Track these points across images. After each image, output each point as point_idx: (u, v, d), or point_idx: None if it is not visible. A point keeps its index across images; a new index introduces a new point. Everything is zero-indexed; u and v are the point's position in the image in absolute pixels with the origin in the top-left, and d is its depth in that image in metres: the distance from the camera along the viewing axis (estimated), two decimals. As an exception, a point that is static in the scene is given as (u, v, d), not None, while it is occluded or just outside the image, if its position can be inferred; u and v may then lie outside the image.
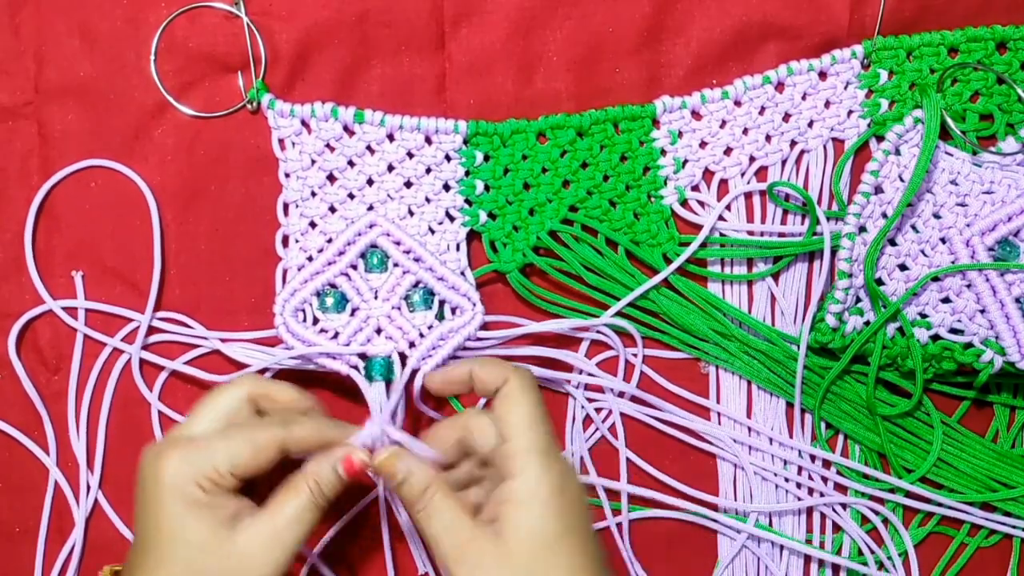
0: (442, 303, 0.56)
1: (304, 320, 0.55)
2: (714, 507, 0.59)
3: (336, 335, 0.55)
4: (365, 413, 0.56)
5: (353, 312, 0.55)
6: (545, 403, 0.47)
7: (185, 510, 0.44)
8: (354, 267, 0.55)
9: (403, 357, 0.55)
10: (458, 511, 0.45)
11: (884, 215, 0.56)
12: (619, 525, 0.58)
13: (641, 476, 0.59)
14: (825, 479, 0.58)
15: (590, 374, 0.57)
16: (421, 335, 0.55)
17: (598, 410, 0.58)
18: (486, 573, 0.44)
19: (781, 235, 0.57)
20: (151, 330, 0.56)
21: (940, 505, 0.58)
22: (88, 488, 0.57)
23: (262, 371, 0.55)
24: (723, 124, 0.57)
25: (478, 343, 0.55)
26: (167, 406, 0.57)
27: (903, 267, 0.57)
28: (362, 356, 0.55)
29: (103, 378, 0.57)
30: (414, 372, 0.54)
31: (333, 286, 0.55)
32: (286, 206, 0.56)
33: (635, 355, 0.58)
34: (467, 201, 0.56)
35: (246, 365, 0.55)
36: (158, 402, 0.57)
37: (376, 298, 0.55)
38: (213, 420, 0.47)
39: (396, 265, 0.55)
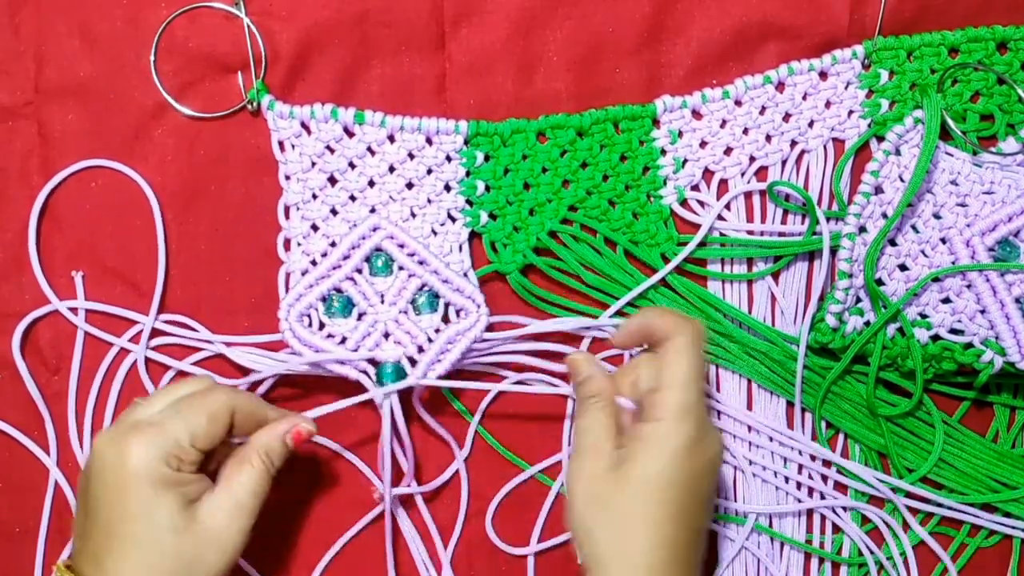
0: (447, 305, 0.56)
1: (309, 325, 0.55)
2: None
3: (343, 340, 0.55)
4: (373, 417, 0.56)
5: (360, 317, 0.55)
6: (704, 365, 0.50)
7: (154, 492, 0.46)
8: (359, 271, 0.55)
9: (412, 361, 0.55)
10: (605, 425, 0.50)
11: (884, 215, 0.56)
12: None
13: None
14: (825, 478, 0.58)
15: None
16: (429, 339, 0.55)
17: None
18: (587, 485, 0.48)
19: (781, 235, 0.57)
20: (155, 332, 0.56)
21: (940, 506, 0.58)
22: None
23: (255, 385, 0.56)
24: (723, 124, 0.57)
25: (483, 344, 0.55)
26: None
27: (903, 267, 0.57)
28: (371, 361, 0.55)
29: (105, 379, 0.57)
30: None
31: (339, 290, 0.55)
32: (287, 209, 0.56)
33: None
34: (468, 202, 0.56)
35: (251, 370, 0.55)
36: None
37: (383, 302, 0.55)
38: (163, 403, 0.49)
39: (401, 268, 0.55)
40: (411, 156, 0.56)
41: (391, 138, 0.56)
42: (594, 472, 0.48)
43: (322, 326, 0.55)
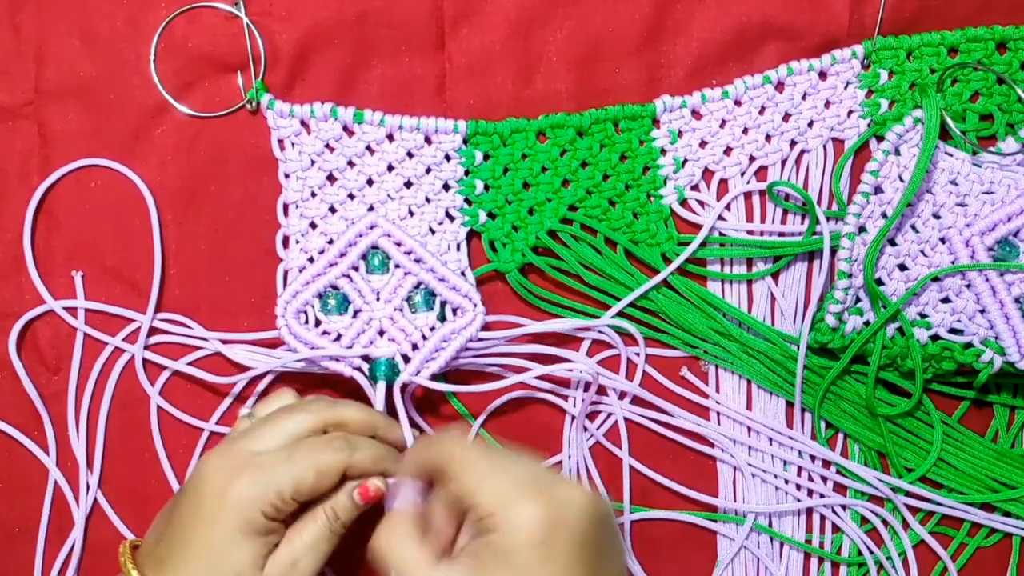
0: (443, 304, 0.56)
1: (306, 322, 0.55)
2: (713, 508, 0.59)
3: (339, 337, 0.55)
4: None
5: (355, 314, 0.55)
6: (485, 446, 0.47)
7: (241, 535, 0.45)
8: (356, 269, 0.55)
9: (406, 359, 0.55)
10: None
11: (884, 215, 0.56)
12: (620, 525, 0.58)
13: (641, 476, 0.59)
14: (825, 478, 0.58)
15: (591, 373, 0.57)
16: (424, 337, 0.55)
17: (600, 413, 0.58)
18: None
19: (781, 235, 0.57)
20: (152, 331, 0.56)
21: (940, 505, 0.58)
22: (88, 488, 0.57)
23: (259, 376, 0.56)
24: (723, 124, 0.57)
25: (480, 343, 0.55)
26: (169, 406, 0.57)
27: (903, 267, 0.57)
28: (366, 358, 0.55)
29: (103, 378, 0.57)
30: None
31: (335, 288, 0.55)
32: (286, 207, 0.56)
33: (636, 354, 0.58)
34: (467, 201, 0.56)
35: (247, 367, 0.55)
36: (160, 399, 0.57)
37: (378, 300, 0.55)
38: (280, 441, 0.48)
39: (398, 266, 0.55)
40: (410, 155, 0.56)
41: (390, 137, 0.56)
42: None
43: (318, 323, 0.55)
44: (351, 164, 0.56)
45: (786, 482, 0.58)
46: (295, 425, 0.48)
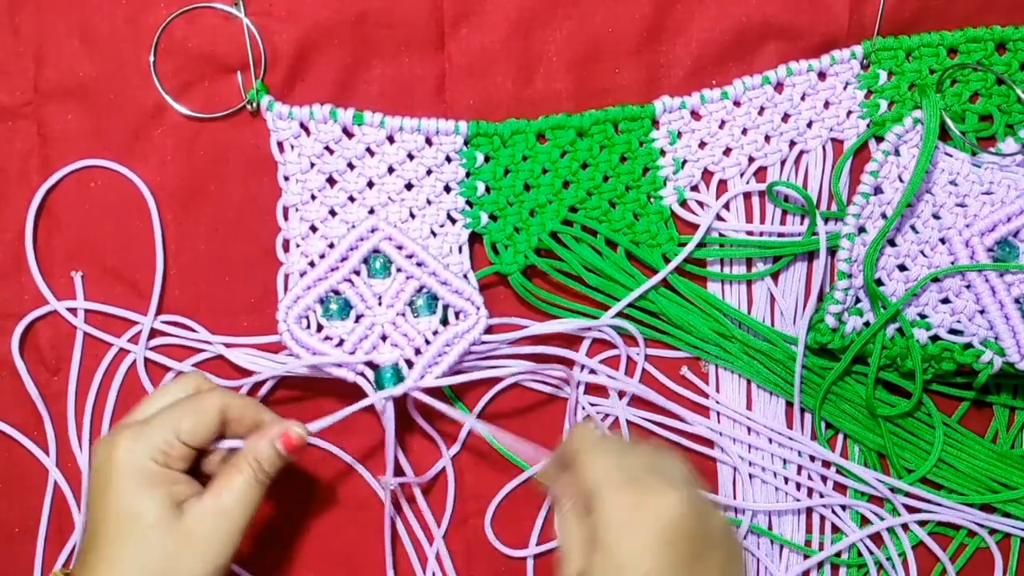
0: (446, 307, 0.56)
1: (308, 326, 0.55)
2: (712, 494, 0.59)
3: (341, 342, 0.55)
4: (372, 419, 0.56)
5: (357, 319, 0.55)
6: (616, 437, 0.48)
7: (139, 488, 0.45)
8: (357, 273, 0.55)
9: (409, 363, 0.55)
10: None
11: (883, 216, 0.56)
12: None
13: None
14: (825, 479, 0.58)
15: (592, 371, 0.57)
16: (427, 341, 0.55)
17: (600, 414, 0.58)
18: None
19: (780, 235, 0.57)
20: (154, 332, 0.56)
21: (940, 506, 0.58)
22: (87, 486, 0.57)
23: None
24: (722, 124, 0.57)
25: (482, 346, 0.55)
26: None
27: (902, 267, 0.57)
28: (369, 364, 0.55)
29: (104, 379, 0.57)
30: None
31: (336, 292, 0.55)
32: (286, 210, 0.56)
33: (637, 355, 0.58)
34: (468, 203, 0.56)
35: (250, 372, 0.55)
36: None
37: (380, 304, 0.55)
38: (154, 407, 0.49)
39: (399, 270, 0.55)
40: (410, 157, 0.56)
41: (390, 139, 0.56)
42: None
43: (320, 328, 0.55)
44: (351, 166, 0.56)
45: (786, 481, 0.58)
46: (173, 390, 0.49)
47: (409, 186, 0.56)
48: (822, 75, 0.57)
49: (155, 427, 0.46)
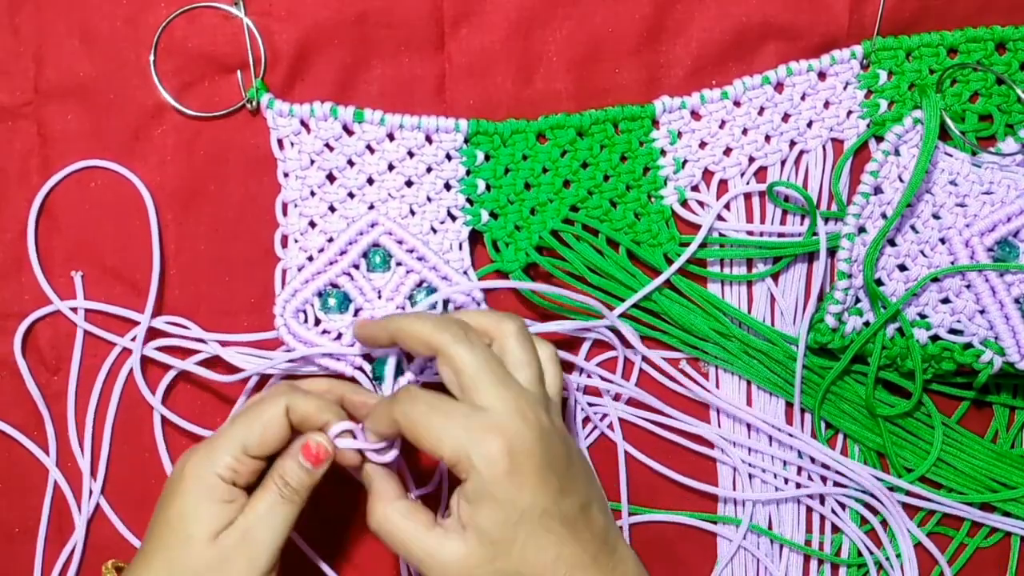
0: (446, 303, 0.56)
1: (305, 321, 0.55)
2: (713, 497, 0.59)
3: (339, 336, 0.55)
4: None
5: (356, 312, 0.55)
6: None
7: (195, 503, 0.45)
8: (356, 267, 0.55)
9: (409, 357, 0.55)
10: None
11: (883, 215, 0.56)
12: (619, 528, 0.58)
13: (640, 475, 0.59)
14: (825, 478, 0.58)
15: (590, 375, 0.57)
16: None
17: (597, 414, 0.58)
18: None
19: (780, 235, 0.57)
20: (154, 333, 0.56)
21: (940, 504, 0.58)
22: (89, 489, 0.57)
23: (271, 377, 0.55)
24: (722, 124, 0.57)
25: (482, 343, 0.55)
26: (169, 407, 0.57)
27: (902, 267, 0.57)
28: (367, 357, 0.55)
29: (105, 379, 0.57)
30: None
31: (335, 286, 0.55)
32: (285, 206, 0.56)
33: (635, 355, 0.58)
34: (468, 200, 0.56)
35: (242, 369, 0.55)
36: (160, 405, 0.56)
37: (380, 298, 0.55)
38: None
39: (399, 264, 0.55)
40: (411, 154, 0.56)
41: (390, 136, 0.56)
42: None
43: (318, 322, 0.55)
44: (351, 163, 0.56)
45: (785, 481, 0.58)
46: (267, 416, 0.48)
47: (409, 183, 0.56)
48: (822, 75, 0.57)
49: (223, 442, 0.46)
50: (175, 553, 0.45)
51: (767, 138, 0.58)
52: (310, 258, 0.55)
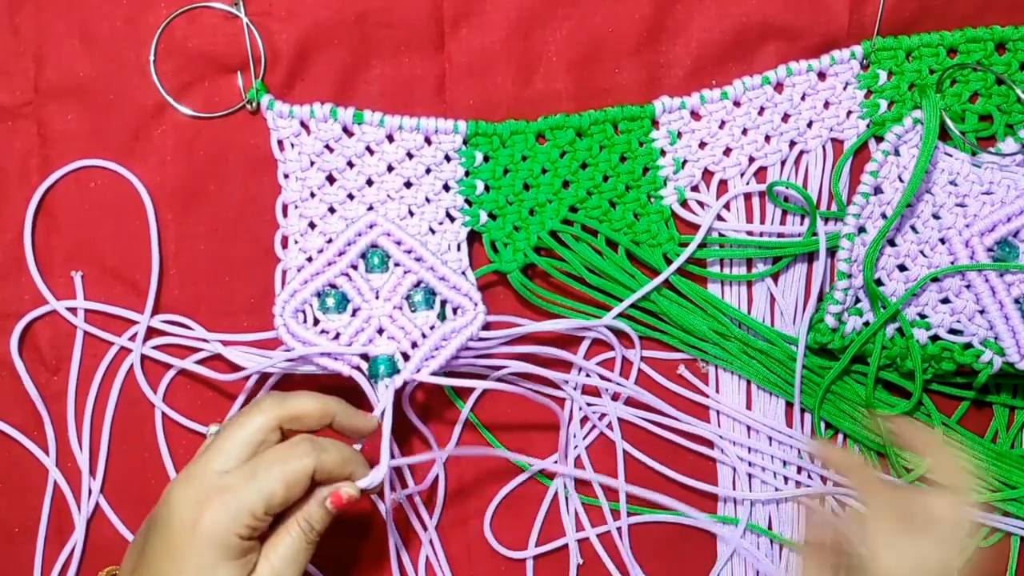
0: (444, 303, 0.56)
1: (305, 321, 0.55)
2: (713, 497, 0.59)
3: (337, 336, 0.55)
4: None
5: (354, 312, 0.55)
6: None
7: (219, 562, 0.44)
8: (355, 267, 0.55)
9: (406, 357, 0.55)
10: None
11: (883, 216, 0.56)
12: (619, 528, 0.58)
13: (639, 474, 0.59)
14: (824, 478, 0.58)
15: (588, 374, 0.57)
16: (424, 335, 0.55)
17: (599, 416, 0.58)
18: None
19: (780, 235, 0.57)
20: (154, 332, 0.56)
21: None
22: (88, 489, 0.57)
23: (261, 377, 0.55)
24: (722, 124, 0.57)
25: (480, 343, 0.55)
26: (169, 407, 0.57)
27: (902, 267, 0.57)
28: (364, 357, 0.55)
29: (104, 379, 0.57)
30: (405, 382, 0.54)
31: (334, 287, 0.55)
32: (285, 207, 0.56)
33: (635, 355, 0.58)
34: (467, 201, 0.56)
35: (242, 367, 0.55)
36: (162, 403, 0.57)
37: (377, 298, 0.55)
38: (240, 451, 0.46)
39: (397, 265, 0.55)
40: (410, 156, 0.56)
41: (390, 137, 0.56)
42: None
43: (317, 322, 0.55)
44: (351, 164, 0.56)
45: (785, 481, 0.58)
46: (250, 431, 0.47)
47: (408, 184, 0.56)
48: (822, 75, 0.57)
49: (244, 500, 0.45)
50: None
51: (767, 138, 0.58)
52: (309, 259, 0.55)
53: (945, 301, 0.56)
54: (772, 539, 0.59)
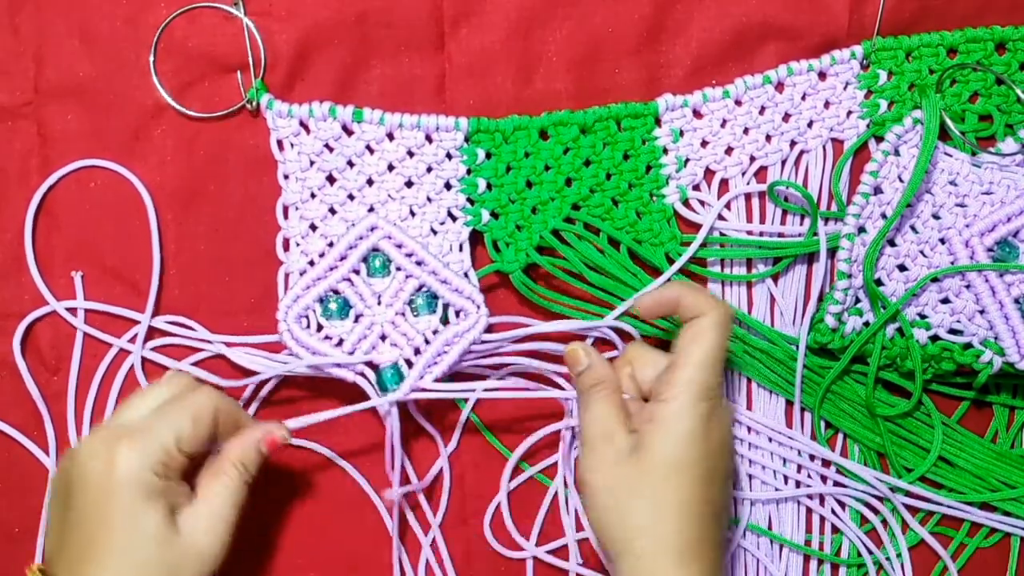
0: (446, 306, 0.56)
1: (308, 326, 0.55)
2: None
3: (340, 342, 0.55)
4: (372, 419, 0.56)
5: (357, 318, 0.55)
6: (727, 349, 0.50)
7: (140, 501, 0.45)
8: (356, 272, 0.55)
9: (409, 363, 0.55)
10: (613, 407, 0.50)
11: (883, 216, 0.56)
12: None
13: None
14: (824, 478, 0.58)
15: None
16: (426, 340, 0.55)
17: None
18: (606, 475, 0.48)
19: (780, 235, 0.57)
20: (155, 332, 0.56)
21: (940, 504, 0.58)
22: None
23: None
24: (724, 123, 0.57)
25: (482, 345, 0.55)
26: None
27: (902, 268, 0.57)
28: (370, 365, 0.55)
29: (104, 379, 0.57)
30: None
31: (336, 292, 0.55)
32: (286, 209, 0.56)
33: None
34: (469, 200, 0.56)
35: (250, 372, 0.55)
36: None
37: (380, 304, 0.55)
38: (144, 409, 0.49)
39: (399, 269, 0.55)
40: (410, 154, 0.56)
41: (390, 136, 0.56)
42: (611, 460, 0.48)
43: (320, 327, 0.55)
44: (351, 164, 0.56)
45: (785, 480, 0.58)
46: (160, 390, 0.50)
47: (409, 183, 0.56)
48: (822, 75, 0.57)
49: (154, 437, 0.46)
50: (139, 556, 0.45)
51: (768, 137, 0.58)
52: (311, 262, 0.55)
53: (945, 301, 0.56)
54: (772, 539, 0.59)
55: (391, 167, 0.56)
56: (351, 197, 0.56)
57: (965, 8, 0.57)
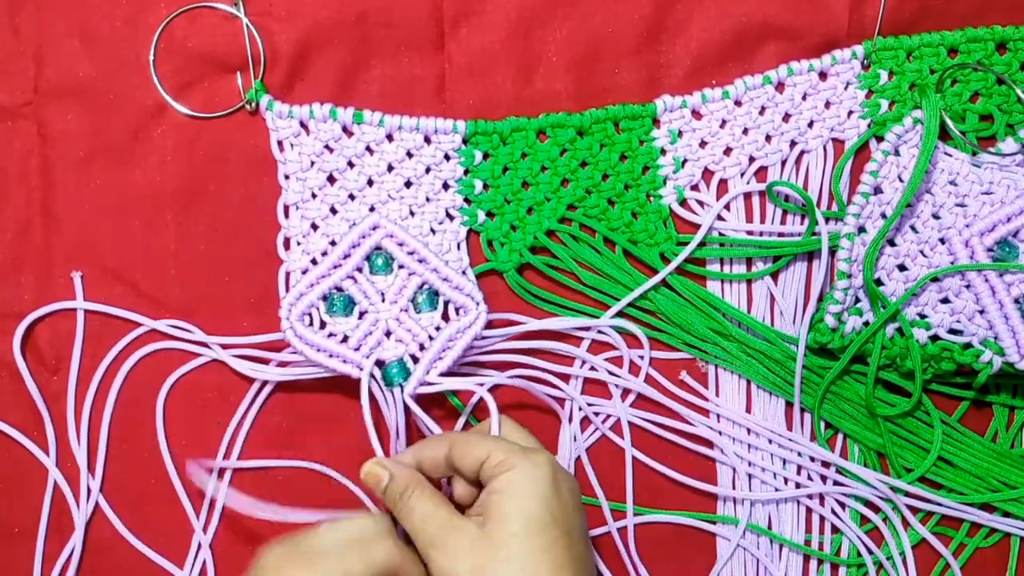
0: (447, 303, 0.56)
1: (311, 324, 0.55)
2: (714, 497, 0.59)
3: (345, 338, 0.55)
4: (376, 416, 0.56)
5: (361, 315, 0.55)
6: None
7: None
8: (360, 270, 0.55)
9: (414, 359, 0.55)
10: (435, 501, 0.48)
11: (883, 215, 0.56)
12: (622, 529, 0.58)
13: (639, 474, 0.59)
14: (824, 478, 0.58)
15: (592, 368, 0.57)
16: (430, 337, 0.55)
17: (597, 414, 0.58)
18: (462, 555, 0.45)
19: (780, 235, 0.57)
20: (155, 334, 0.56)
21: (940, 505, 0.58)
22: (88, 488, 0.57)
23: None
24: (723, 124, 0.57)
25: (483, 341, 0.55)
26: (168, 405, 0.57)
27: (902, 267, 0.57)
28: (378, 363, 0.55)
29: (104, 379, 0.57)
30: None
31: (339, 289, 0.55)
32: (286, 208, 0.56)
33: (641, 356, 0.58)
34: (466, 200, 0.56)
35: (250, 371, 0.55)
36: (161, 408, 0.57)
37: (384, 301, 0.55)
38: (336, 537, 0.47)
39: (401, 267, 0.55)
40: (410, 155, 0.56)
41: (390, 137, 0.56)
42: (467, 545, 0.45)
43: (323, 325, 0.55)
44: (351, 165, 0.56)
45: (785, 481, 0.58)
46: (348, 532, 0.48)
47: (408, 184, 0.56)
48: (823, 75, 0.57)
49: (324, 569, 0.45)
50: None
51: (768, 138, 0.58)
52: (313, 260, 0.55)
53: (945, 301, 0.56)
54: (772, 539, 0.59)
55: (391, 168, 0.56)
56: (351, 197, 0.56)
57: (965, 8, 0.57)
